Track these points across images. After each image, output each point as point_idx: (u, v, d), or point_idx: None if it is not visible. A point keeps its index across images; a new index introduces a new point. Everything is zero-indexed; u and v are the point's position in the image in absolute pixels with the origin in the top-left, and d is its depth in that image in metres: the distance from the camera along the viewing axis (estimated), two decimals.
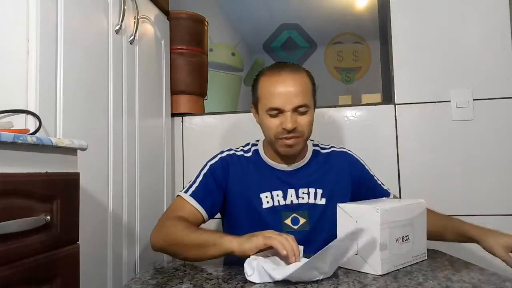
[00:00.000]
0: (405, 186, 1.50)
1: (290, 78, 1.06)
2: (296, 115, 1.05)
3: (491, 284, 0.74)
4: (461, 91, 1.48)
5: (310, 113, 1.08)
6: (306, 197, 1.12)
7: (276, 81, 1.06)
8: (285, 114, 1.04)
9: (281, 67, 1.09)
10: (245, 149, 1.20)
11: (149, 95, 1.42)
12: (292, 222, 1.10)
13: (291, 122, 1.03)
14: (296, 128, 1.05)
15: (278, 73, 1.07)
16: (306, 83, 1.08)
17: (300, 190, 1.12)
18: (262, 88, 1.09)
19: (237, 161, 1.15)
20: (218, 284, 0.80)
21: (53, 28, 0.92)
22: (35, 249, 0.66)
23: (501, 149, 1.45)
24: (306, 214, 1.11)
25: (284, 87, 1.05)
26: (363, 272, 0.84)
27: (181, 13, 1.71)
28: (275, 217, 1.10)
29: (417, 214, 0.92)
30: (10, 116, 0.82)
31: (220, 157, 1.16)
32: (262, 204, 1.11)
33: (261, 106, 1.09)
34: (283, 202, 1.11)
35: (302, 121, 1.06)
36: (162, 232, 1.01)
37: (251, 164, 1.15)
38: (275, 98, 1.05)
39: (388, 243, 0.83)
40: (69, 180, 0.76)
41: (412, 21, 1.54)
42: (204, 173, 1.12)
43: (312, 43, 4.86)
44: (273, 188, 1.12)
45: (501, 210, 1.43)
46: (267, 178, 1.13)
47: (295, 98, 1.04)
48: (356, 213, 0.86)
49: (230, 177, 1.13)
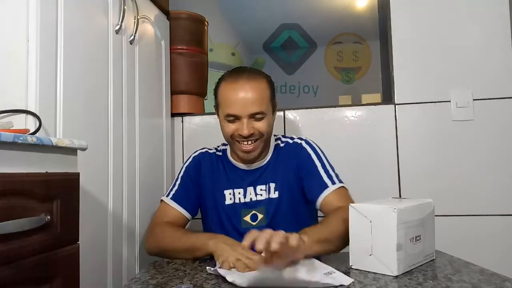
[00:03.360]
0: (405, 186, 1.50)
1: (247, 85, 1.08)
2: (252, 121, 1.09)
3: (491, 284, 0.74)
4: (461, 91, 1.48)
5: (267, 118, 1.11)
6: (264, 193, 1.16)
7: (233, 88, 1.09)
8: (241, 120, 1.09)
9: (239, 74, 1.12)
10: (218, 148, 1.28)
11: (149, 95, 1.42)
12: (251, 219, 1.16)
13: (247, 129, 1.08)
14: (253, 133, 1.09)
15: (236, 80, 1.10)
16: (263, 90, 1.11)
17: (258, 187, 1.17)
18: (221, 93, 1.13)
19: (208, 158, 1.24)
20: (218, 284, 0.80)
21: (53, 28, 0.92)
22: (35, 249, 0.66)
23: (501, 149, 1.45)
24: (263, 209, 1.15)
25: (240, 95, 1.08)
26: (370, 272, 0.83)
27: (181, 13, 1.71)
28: (235, 214, 1.16)
29: (427, 214, 0.92)
30: (10, 116, 0.82)
31: (193, 156, 1.26)
32: (225, 200, 1.18)
33: (220, 111, 1.14)
34: (243, 200, 1.17)
35: (258, 125, 1.10)
36: (153, 240, 1.12)
37: (220, 162, 1.23)
38: (231, 105, 1.09)
39: (403, 243, 0.82)
40: (69, 180, 0.76)
41: (412, 21, 1.54)
42: (181, 175, 1.23)
43: (312, 43, 4.86)
44: (235, 186, 1.18)
45: (501, 210, 1.43)
46: (231, 176, 1.20)
47: (251, 106, 1.08)
48: (370, 213, 0.84)
49: (201, 173, 1.22)
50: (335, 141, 1.52)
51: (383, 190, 1.49)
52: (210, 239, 0.98)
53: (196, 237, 1.03)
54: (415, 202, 0.90)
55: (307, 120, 1.60)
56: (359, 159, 1.52)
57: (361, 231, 0.85)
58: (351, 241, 0.87)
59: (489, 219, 1.43)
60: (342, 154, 1.48)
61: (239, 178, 1.19)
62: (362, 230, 0.85)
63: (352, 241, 0.87)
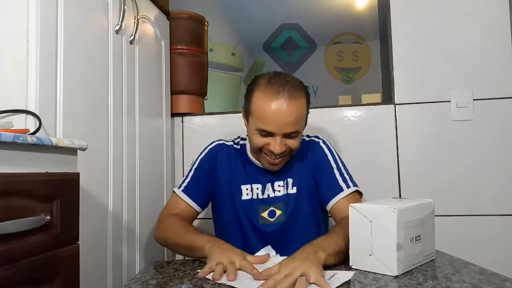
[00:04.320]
0: (405, 186, 1.50)
1: (287, 105, 1.00)
2: (285, 139, 1.05)
3: (491, 284, 0.74)
4: (461, 91, 1.48)
5: (299, 135, 1.08)
6: (282, 189, 1.15)
7: (272, 105, 1.00)
8: (275, 137, 1.04)
9: (280, 88, 1.02)
10: (235, 141, 1.24)
11: (149, 95, 1.42)
12: (269, 215, 1.13)
13: (279, 146, 1.03)
14: (284, 151, 1.06)
15: (276, 95, 1.01)
16: (302, 109, 1.05)
17: (276, 183, 1.15)
18: (256, 103, 1.04)
19: (226, 150, 1.20)
20: (218, 284, 0.80)
21: (53, 28, 0.92)
22: (35, 249, 0.66)
23: (501, 149, 1.45)
24: (282, 205, 1.14)
25: (279, 114, 1.00)
26: (370, 272, 0.84)
27: (181, 13, 1.71)
28: (252, 210, 1.14)
29: (427, 214, 0.92)
30: (10, 116, 0.82)
31: (210, 148, 1.21)
32: (242, 195, 1.15)
33: (252, 121, 1.07)
34: (261, 196, 1.15)
35: (291, 143, 1.06)
36: (160, 231, 1.10)
37: (238, 155, 1.20)
38: (268, 122, 1.02)
39: (403, 243, 0.82)
40: (69, 180, 0.76)
41: (412, 21, 1.54)
42: (195, 167, 1.19)
43: (312, 43, 4.87)
44: (253, 181, 1.16)
45: (501, 210, 1.43)
46: (249, 171, 1.17)
47: (288, 127, 1.02)
48: (370, 214, 0.84)
49: (217, 166, 1.18)
50: (335, 141, 1.52)
51: (383, 190, 1.49)
52: (208, 242, 0.96)
53: (196, 238, 1.01)
54: (415, 202, 0.90)
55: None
56: (359, 159, 1.52)
57: (361, 231, 0.85)
58: (351, 241, 0.87)
59: (489, 219, 1.43)
60: (342, 154, 1.47)
61: (258, 174, 1.16)
62: (362, 230, 0.85)
63: (352, 241, 0.87)
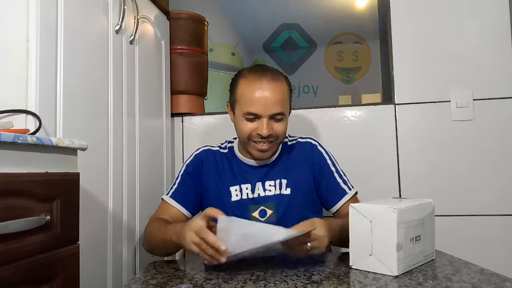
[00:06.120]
0: (405, 186, 1.50)
1: (270, 85, 1.08)
2: (272, 121, 1.09)
3: (491, 284, 0.74)
4: (461, 91, 1.48)
5: (285, 119, 1.12)
6: (273, 189, 1.16)
7: (256, 88, 1.08)
8: (261, 120, 1.08)
9: (263, 73, 1.10)
10: (222, 146, 1.26)
11: (149, 95, 1.42)
12: (260, 214, 1.14)
13: (266, 129, 1.07)
14: (271, 134, 1.09)
15: (259, 79, 1.08)
16: (284, 91, 1.11)
17: (267, 183, 1.16)
18: (241, 91, 1.11)
19: (212, 155, 1.22)
20: (218, 284, 0.80)
21: (53, 28, 0.92)
22: (35, 249, 0.66)
23: (501, 149, 1.45)
24: (272, 205, 1.14)
25: (263, 95, 1.07)
26: (370, 272, 0.84)
27: (181, 13, 1.71)
28: (243, 210, 1.14)
29: (427, 214, 0.92)
30: (10, 116, 0.82)
31: (195, 154, 1.24)
32: (231, 197, 1.16)
33: (238, 109, 1.12)
34: (251, 196, 1.15)
35: (277, 127, 1.10)
36: (145, 237, 1.12)
37: (225, 159, 1.21)
38: (253, 104, 1.07)
39: (403, 243, 0.82)
40: (69, 180, 0.76)
41: (412, 21, 1.54)
42: (181, 173, 1.21)
43: (312, 43, 4.87)
44: (242, 182, 1.17)
45: (501, 210, 1.43)
46: (238, 172, 1.18)
47: (273, 107, 1.07)
48: (370, 214, 0.84)
49: (203, 172, 1.20)
50: (335, 141, 1.52)
51: (383, 190, 1.49)
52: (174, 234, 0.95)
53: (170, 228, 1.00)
54: (415, 202, 0.90)
55: (307, 120, 1.59)
56: (359, 159, 1.52)
57: (361, 231, 0.85)
58: (351, 241, 0.87)
59: (489, 219, 1.43)
60: (342, 154, 1.47)
61: (247, 173, 1.18)
62: (362, 230, 0.85)
63: (352, 241, 0.87)
